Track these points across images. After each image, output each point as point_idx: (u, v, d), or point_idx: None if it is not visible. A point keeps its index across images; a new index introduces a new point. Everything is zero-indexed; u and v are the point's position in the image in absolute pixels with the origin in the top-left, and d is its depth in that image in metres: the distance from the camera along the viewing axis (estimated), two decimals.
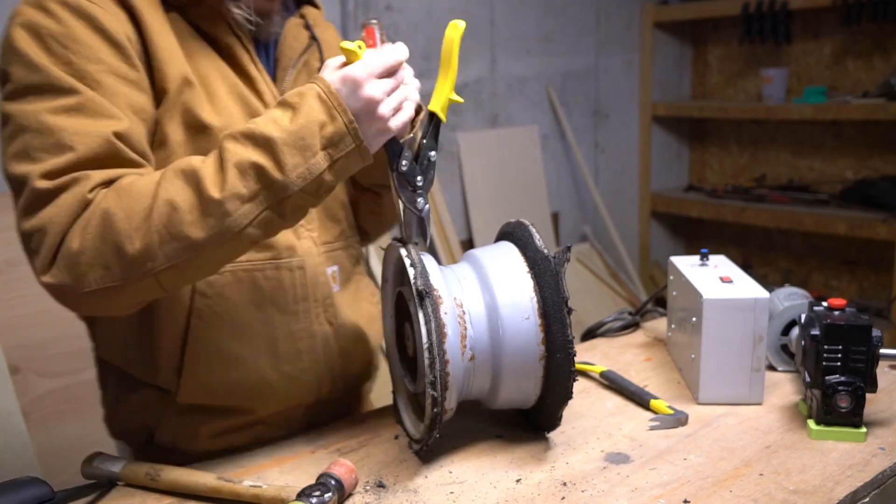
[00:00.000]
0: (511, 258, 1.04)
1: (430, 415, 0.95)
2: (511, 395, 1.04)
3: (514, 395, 1.04)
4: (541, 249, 1.01)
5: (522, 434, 1.09)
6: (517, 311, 0.99)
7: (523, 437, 1.08)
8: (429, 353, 0.93)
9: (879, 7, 2.99)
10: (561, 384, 1.00)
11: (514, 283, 1.01)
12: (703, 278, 1.22)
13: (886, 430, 1.07)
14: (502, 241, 1.10)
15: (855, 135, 3.36)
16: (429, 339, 0.93)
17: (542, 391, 1.03)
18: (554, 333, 0.98)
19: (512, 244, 1.07)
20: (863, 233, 3.04)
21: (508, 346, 0.99)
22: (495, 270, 1.02)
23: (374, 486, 0.96)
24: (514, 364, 1.00)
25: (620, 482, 0.95)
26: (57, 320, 2.05)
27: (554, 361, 0.99)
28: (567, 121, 3.49)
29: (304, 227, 1.13)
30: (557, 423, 1.05)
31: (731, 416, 1.13)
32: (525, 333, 0.99)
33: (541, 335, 0.99)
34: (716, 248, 3.68)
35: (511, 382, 1.02)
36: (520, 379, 1.02)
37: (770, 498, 0.91)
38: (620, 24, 3.67)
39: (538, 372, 1.01)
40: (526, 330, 0.99)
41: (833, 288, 3.52)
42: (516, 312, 0.99)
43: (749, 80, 3.67)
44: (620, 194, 3.80)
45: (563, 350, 0.98)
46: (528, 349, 1.00)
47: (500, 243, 1.09)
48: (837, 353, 1.05)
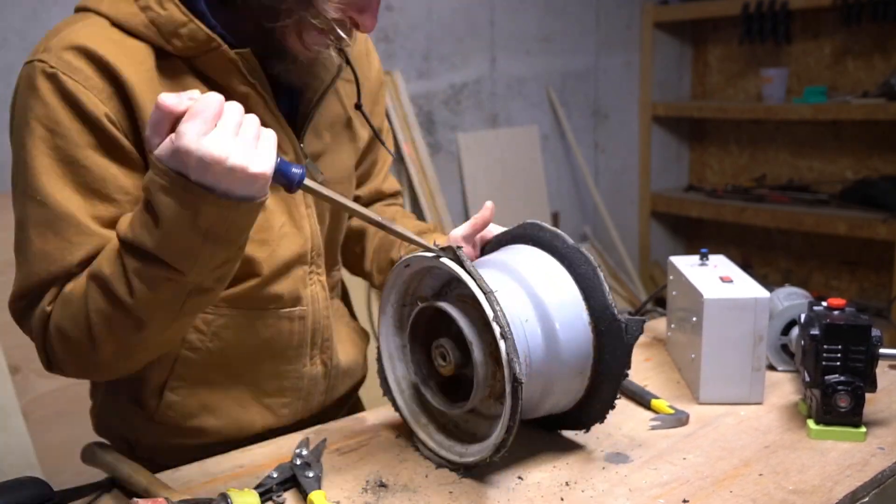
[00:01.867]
0: (545, 261, 0.99)
1: (509, 424, 0.89)
2: (557, 400, 0.99)
3: (559, 400, 1.00)
4: (580, 250, 0.99)
5: (522, 434, 1.09)
6: (567, 309, 0.95)
7: (523, 437, 1.08)
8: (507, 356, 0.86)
9: (879, 7, 2.99)
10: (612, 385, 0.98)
11: (561, 288, 0.97)
12: (703, 278, 1.22)
13: (886, 430, 1.07)
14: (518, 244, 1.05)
15: (855, 135, 3.37)
16: (506, 342, 0.86)
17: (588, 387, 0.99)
18: (605, 329, 0.96)
19: (535, 247, 1.02)
20: (863, 233, 3.04)
21: (564, 352, 0.95)
22: (534, 276, 0.97)
23: (374, 486, 0.96)
24: (569, 365, 0.96)
25: (620, 482, 0.95)
26: None
27: (604, 366, 0.97)
28: (567, 121, 3.49)
29: (315, 272, 1.11)
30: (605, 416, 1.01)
31: (731, 416, 1.13)
32: (577, 331, 0.96)
33: (592, 337, 0.96)
34: (716, 248, 3.67)
35: (564, 384, 0.98)
36: (572, 380, 0.98)
37: (769, 498, 0.91)
38: (620, 24, 3.67)
39: (587, 369, 0.97)
40: (578, 328, 0.96)
41: (833, 288, 3.52)
42: (566, 311, 0.95)
43: (749, 80, 3.67)
44: (620, 194, 3.80)
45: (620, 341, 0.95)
46: (582, 348, 0.96)
47: (519, 247, 1.04)
48: (837, 352, 1.05)
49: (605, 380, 0.98)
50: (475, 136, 3.20)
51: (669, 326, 1.38)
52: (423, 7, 2.99)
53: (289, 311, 1.09)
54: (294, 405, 1.15)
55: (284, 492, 0.95)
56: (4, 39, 2.10)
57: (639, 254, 3.87)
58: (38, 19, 2.14)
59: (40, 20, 2.14)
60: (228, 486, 0.96)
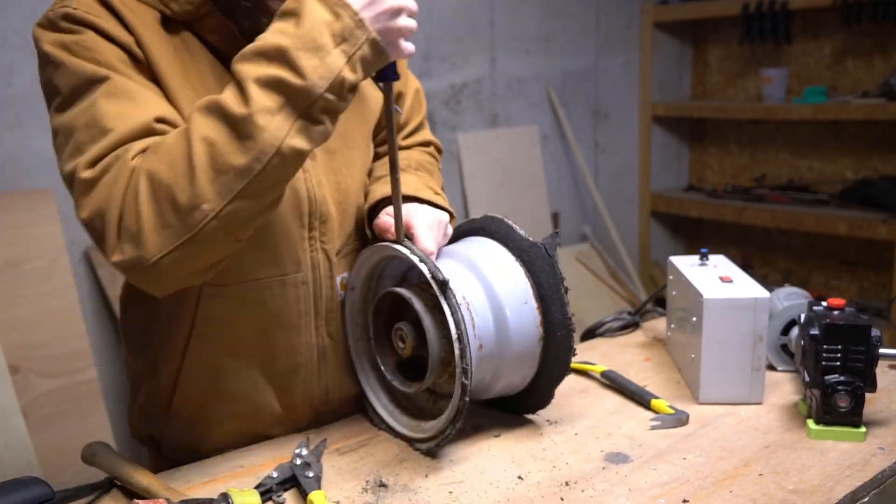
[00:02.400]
0: (495, 249, 1.08)
1: (458, 406, 0.97)
2: (508, 382, 1.07)
3: (511, 381, 1.07)
4: (525, 238, 1.07)
5: (522, 433, 1.09)
6: (516, 296, 1.03)
7: (523, 437, 1.08)
8: (459, 342, 0.95)
9: (879, 7, 2.99)
10: (561, 361, 1.05)
11: (507, 271, 1.05)
12: (703, 278, 1.23)
13: (886, 430, 1.07)
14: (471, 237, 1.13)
15: (855, 135, 3.36)
16: (458, 329, 0.95)
17: (536, 372, 1.08)
18: (553, 314, 1.04)
19: (485, 238, 1.10)
20: (863, 233, 3.04)
21: (513, 332, 1.03)
22: (484, 262, 1.05)
23: (374, 486, 0.96)
24: (517, 349, 1.04)
25: (620, 482, 0.95)
26: (57, 320, 2.05)
27: (554, 340, 1.04)
28: (567, 121, 3.49)
29: (319, 238, 1.11)
30: (550, 401, 1.10)
31: (731, 416, 1.13)
32: (526, 317, 1.04)
33: (539, 317, 1.04)
34: (716, 248, 3.67)
35: (512, 368, 1.05)
36: (521, 363, 1.06)
37: (769, 498, 0.91)
38: (620, 24, 3.67)
39: (536, 353, 1.06)
40: (526, 314, 1.04)
41: (833, 288, 3.52)
42: (516, 298, 1.03)
43: (749, 80, 3.67)
44: (620, 194, 3.80)
45: (564, 328, 1.03)
46: (529, 332, 1.04)
47: (471, 238, 1.12)
48: (837, 352, 1.05)
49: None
50: (475, 136, 3.20)
51: (669, 326, 1.38)
52: (423, 7, 2.98)
53: (292, 278, 1.09)
54: (307, 382, 1.14)
55: (284, 492, 0.95)
56: (4, 39, 2.10)
57: (639, 254, 3.87)
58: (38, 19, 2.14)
59: None
60: (228, 486, 0.96)
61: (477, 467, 1.00)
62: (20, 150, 2.14)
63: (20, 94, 2.12)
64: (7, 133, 2.13)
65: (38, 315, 2.02)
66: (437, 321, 0.99)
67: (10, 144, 2.13)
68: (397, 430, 1.09)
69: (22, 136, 2.14)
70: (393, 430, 1.10)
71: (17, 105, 2.12)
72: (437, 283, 0.96)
